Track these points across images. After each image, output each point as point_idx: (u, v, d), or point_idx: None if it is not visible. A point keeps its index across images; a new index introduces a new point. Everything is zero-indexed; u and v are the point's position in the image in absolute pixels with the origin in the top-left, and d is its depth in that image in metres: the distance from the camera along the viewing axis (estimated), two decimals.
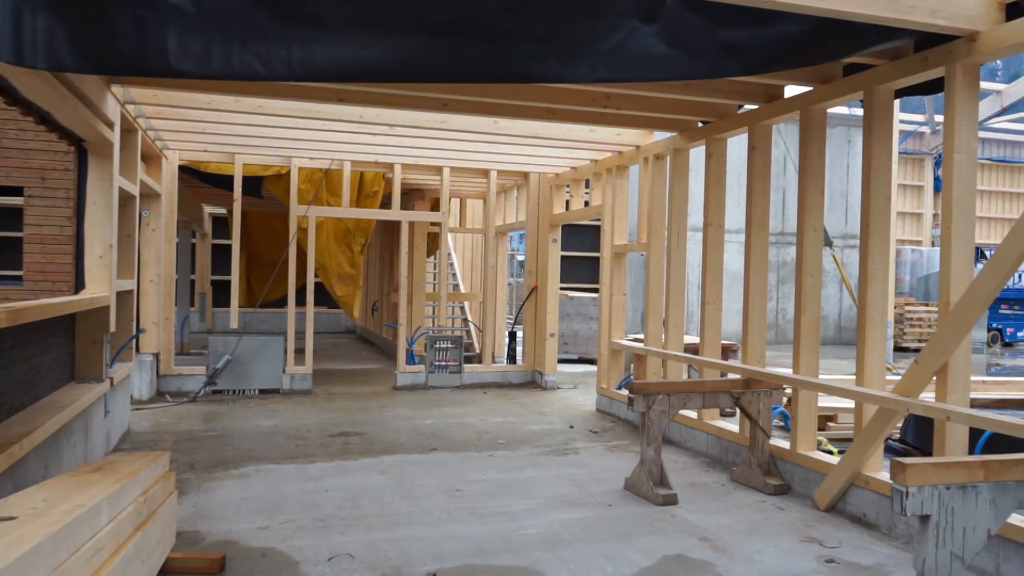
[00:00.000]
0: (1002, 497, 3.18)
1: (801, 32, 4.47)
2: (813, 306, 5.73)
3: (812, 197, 5.75)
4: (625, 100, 6.54)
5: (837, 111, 19.06)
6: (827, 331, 19.01)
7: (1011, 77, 20.17)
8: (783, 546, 4.55)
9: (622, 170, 8.95)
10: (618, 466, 6.29)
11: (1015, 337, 18.65)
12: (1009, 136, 23.31)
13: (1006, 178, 23.82)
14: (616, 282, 8.95)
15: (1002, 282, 4.22)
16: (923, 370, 4.56)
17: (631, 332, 11.49)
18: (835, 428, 7.36)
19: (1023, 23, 4.17)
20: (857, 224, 5.05)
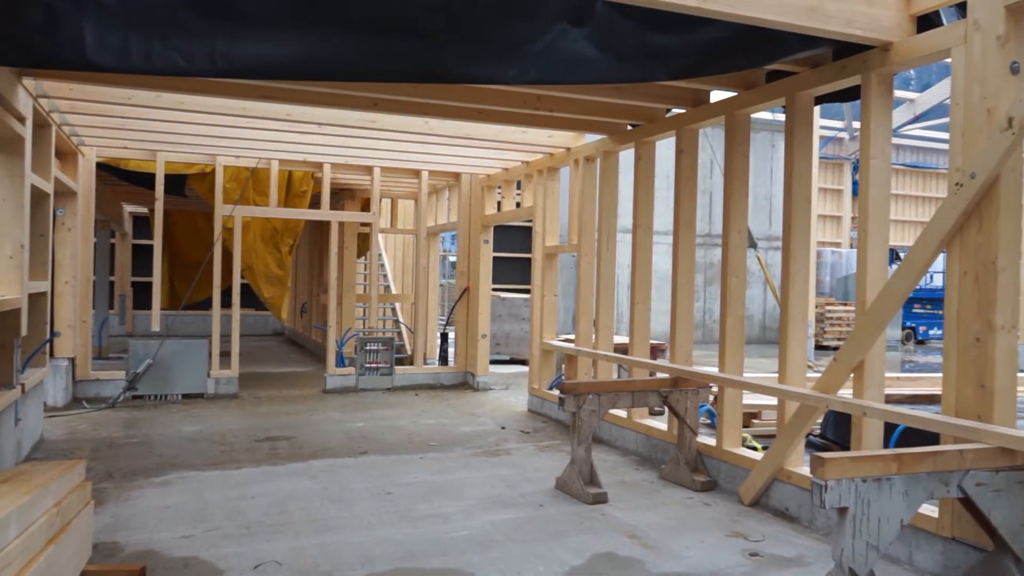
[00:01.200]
0: (914, 488, 3.31)
1: (726, 39, 4.57)
2: (738, 306, 5.88)
3: (737, 200, 5.89)
4: (556, 102, 6.59)
5: (761, 116, 19.61)
6: (752, 330, 19.52)
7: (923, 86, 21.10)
8: (709, 541, 4.64)
9: (553, 172, 9.02)
10: (549, 466, 6.33)
11: (927, 335, 19.49)
12: (921, 143, 24.37)
13: (919, 183, 24.91)
14: (548, 283, 9.01)
15: (914, 282, 4.40)
16: (841, 368, 4.72)
17: (563, 332, 11.60)
18: (759, 425, 7.55)
19: (933, 35, 4.36)
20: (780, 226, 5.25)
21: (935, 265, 15.92)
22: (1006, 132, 3.77)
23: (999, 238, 3.89)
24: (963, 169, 4.00)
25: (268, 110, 7.09)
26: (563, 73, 4.60)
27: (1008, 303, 3.91)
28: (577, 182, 8.29)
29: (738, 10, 4.06)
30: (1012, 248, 3.92)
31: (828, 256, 20.52)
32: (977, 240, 3.98)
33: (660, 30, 4.51)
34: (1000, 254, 3.89)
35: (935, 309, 19.24)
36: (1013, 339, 3.93)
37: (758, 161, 19.64)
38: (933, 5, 4.42)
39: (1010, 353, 3.92)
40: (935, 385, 8.01)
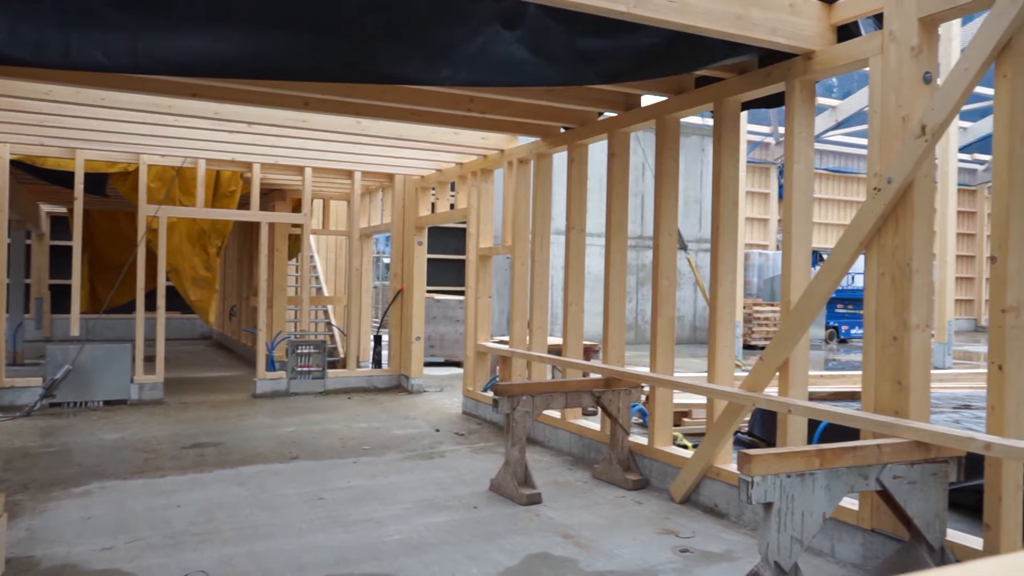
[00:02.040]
0: (835, 483, 3.43)
1: (656, 44, 4.65)
2: (668, 307, 5.98)
3: (667, 203, 6.00)
4: (489, 104, 6.60)
5: (692, 121, 20.02)
6: (683, 331, 19.89)
7: (845, 94, 21.80)
8: (641, 539, 4.71)
9: (487, 173, 9.03)
10: (484, 468, 6.33)
11: (849, 334, 20.18)
12: (843, 148, 25.23)
13: (840, 187, 25.79)
14: (482, 285, 9.01)
15: (836, 283, 4.55)
16: (767, 366, 4.85)
17: (497, 334, 11.62)
18: (690, 423, 7.70)
19: (852, 45, 4.52)
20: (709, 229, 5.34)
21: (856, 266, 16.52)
22: (920, 139, 3.94)
23: (914, 240, 4.05)
24: (880, 174, 4.15)
25: (195, 108, 6.91)
26: (496, 75, 4.61)
27: (922, 303, 4.07)
28: (511, 184, 8.32)
29: (667, 16, 4.13)
30: (925, 250, 4.09)
31: (755, 258, 21.05)
32: (894, 242, 4.14)
33: (592, 34, 4.56)
34: (915, 256, 4.05)
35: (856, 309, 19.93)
36: (927, 337, 4.10)
37: (688, 164, 20.04)
38: (852, 16, 4.58)
39: (924, 351, 4.09)
40: (856, 382, 8.30)
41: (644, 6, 4.03)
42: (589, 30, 4.51)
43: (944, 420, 5.99)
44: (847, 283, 19.18)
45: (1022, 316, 3.65)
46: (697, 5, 4.20)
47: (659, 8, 4.09)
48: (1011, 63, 3.63)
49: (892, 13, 4.15)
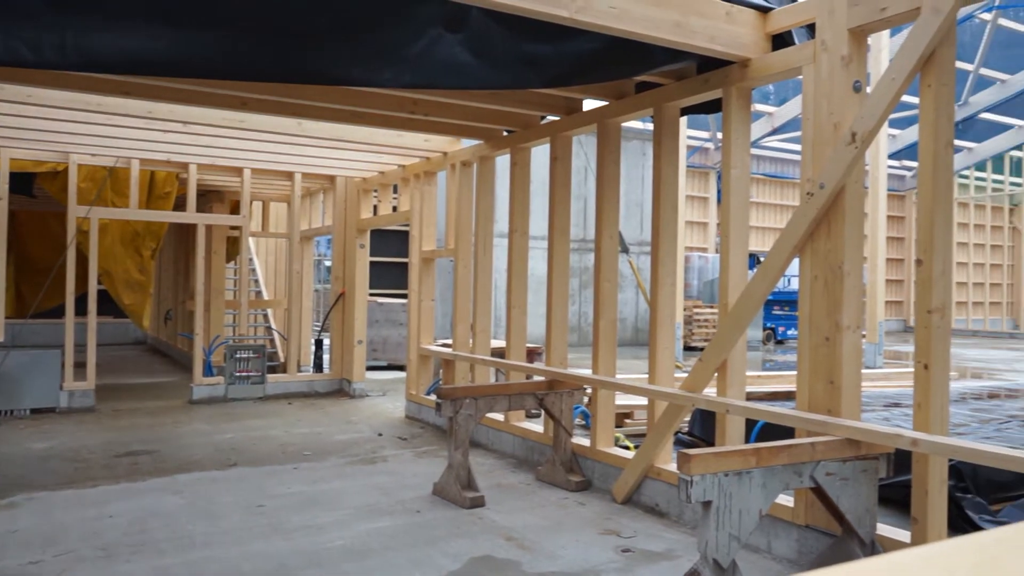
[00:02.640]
0: (771, 480, 3.51)
1: (598, 50, 4.70)
2: (610, 309, 6.04)
3: (608, 206, 6.07)
4: (432, 106, 6.57)
5: (633, 125, 20.27)
6: (625, 333, 20.12)
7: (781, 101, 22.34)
8: (584, 539, 4.75)
9: (430, 176, 8.99)
10: (427, 472, 6.30)
11: (786, 335, 20.68)
12: (779, 154, 25.86)
13: (776, 192, 26.42)
14: (425, 288, 8.97)
15: (772, 285, 4.66)
16: (706, 367, 4.94)
17: (440, 337, 11.57)
18: (632, 424, 7.80)
19: (786, 53, 4.64)
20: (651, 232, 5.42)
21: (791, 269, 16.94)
22: (850, 146, 4.06)
23: (845, 244, 4.18)
24: (813, 180, 4.27)
25: (127, 106, 6.73)
26: (439, 78, 4.60)
27: (853, 305, 4.20)
28: (454, 187, 8.30)
29: (609, 22, 4.18)
30: (856, 253, 4.23)
31: (695, 261, 21.41)
32: (826, 246, 4.26)
33: (534, 39, 4.58)
34: (846, 259, 4.18)
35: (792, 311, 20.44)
36: (857, 338, 4.23)
37: (630, 168, 20.29)
38: (786, 25, 4.71)
39: (855, 351, 4.22)
40: (792, 382, 8.52)
41: (586, 12, 4.08)
42: (532, 35, 4.54)
43: (875, 418, 6.19)
44: (783, 285, 19.66)
45: (946, 317, 3.80)
46: (637, 12, 4.27)
47: (601, 14, 4.14)
48: (934, 74, 3.77)
49: (824, 23, 4.28)
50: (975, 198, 28.39)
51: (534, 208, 9.15)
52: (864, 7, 4.08)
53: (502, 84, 4.92)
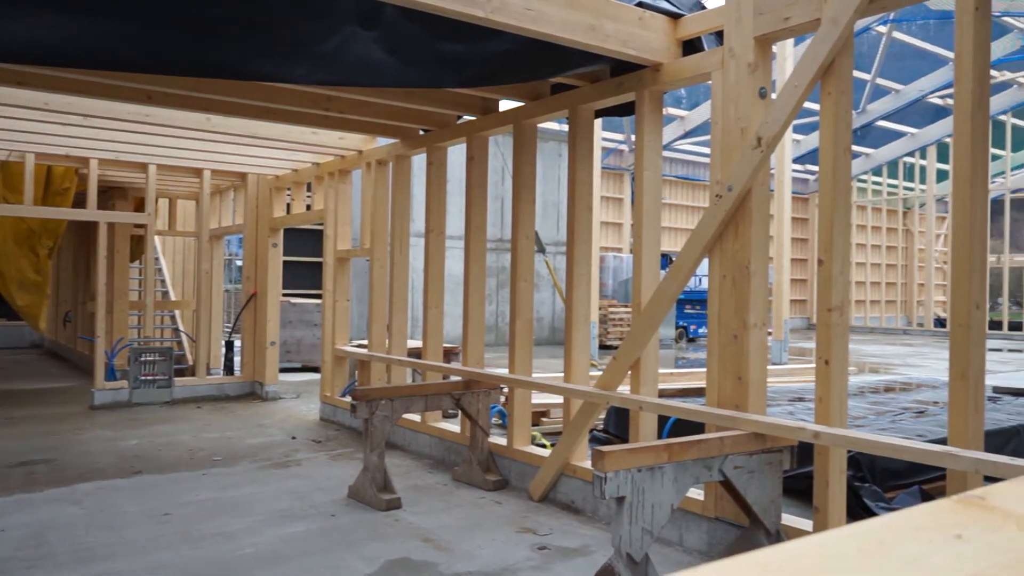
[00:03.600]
0: (682, 475, 3.60)
1: (513, 51, 4.73)
2: (527, 309, 6.09)
3: (524, 206, 6.11)
4: (347, 104, 6.48)
5: (550, 126, 20.45)
6: (542, 332, 20.29)
7: (693, 105, 22.94)
8: (501, 538, 4.77)
9: (345, 174, 8.86)
10: (342, 475, 6.20)
11: (697, 333, 21.26)
12: (691, 157, 26.56)
13: (688, 194, 27.14)
14: (340, 288, 8.83)
15: (682, 285, 4.79)
16: (620, 365, 5.03)
17: (356, 338, 11.41)
18: (548, 423, 7.87)
19: (696, 59, 4.77)
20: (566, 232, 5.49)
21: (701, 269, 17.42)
22: (756, 150, 4.21)
23: (752, 245, 4.33)
24: (722, 182, 4.40)
25: (21, 97, 6.38)
26: (353, 75, 4.54)
27: (759, 303, 4.35)
28: (369, 186, 8.21)
29: (524, 24, 4.21)
30: (762, 254, 4.38)
31: (610, 261, 21.78)
32: (734, 247, 4.40)
33: (450, 38, 4.57)
34: (752, 259, 4.32)
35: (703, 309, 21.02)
36: (763, 335, 4.39)
37: (547, 169, 20.48)
38: (696, 31, 4.84)
39: (761, 348, 4.37)
40: (703, 379, 8.76)
41: (501, 12, 4.10)
42: (447, 34, 4.52)
43: (780, 412, 6.42)
44: (695, 285, 20.19)
45: (845, 315, 3.98)
46: (553, 14, 4.31)
47: (516, 15, 4.16)
48: (834, 82, 3.94)
49: (731, 31, 4.42)
50: (872, 201, 29.83)
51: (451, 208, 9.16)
52: (769, 16, 4.23)
53: (418, 83, 4.90)
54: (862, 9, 3.79)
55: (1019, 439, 6.11)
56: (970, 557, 0.62)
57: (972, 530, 0.68)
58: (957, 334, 3.45)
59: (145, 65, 4.72)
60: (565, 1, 4.36)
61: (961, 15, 3.44)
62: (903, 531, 0.68)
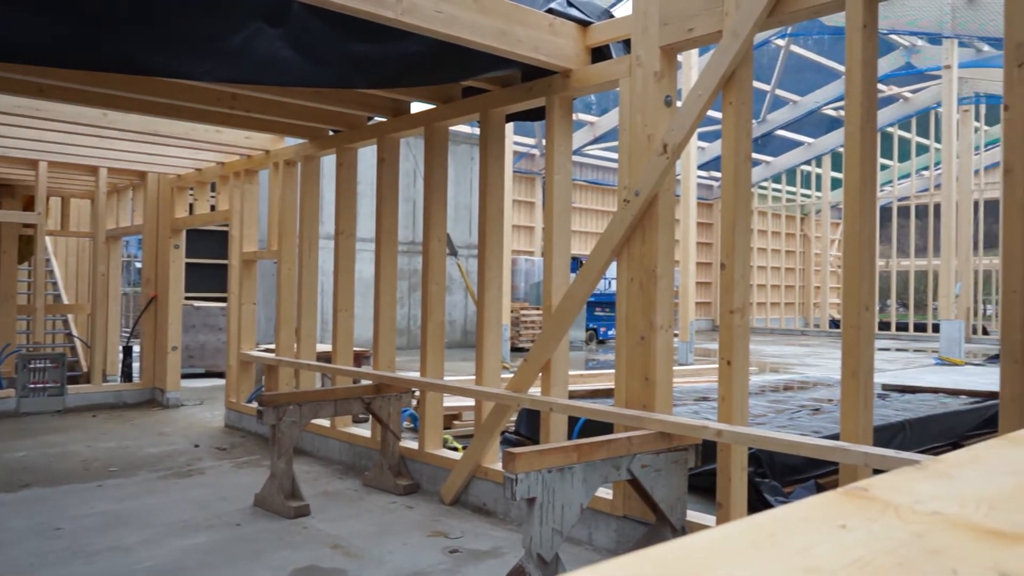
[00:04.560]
0: (591, 475, 3.66)
1: (424, 53, 4.71)
2: (438, 312, 6.07)
3: (436, 209, 6.09)
4: (253, 103, 6.31)
5: (462, 129, 20.45)
6: (454, 335, 20.26)
7: (603, 111, 23.35)
8: (412, 543, 4.74)
9: (251, 174, 8.63)
10: (248, 483, 6.04)
11: (607, 335, 21.65)
12: (601, 162, 27.05)
13: (598, 198, 27.62)
14: (246, 291, 8.60)
15: (592, 287, 4.87)
16: (531, 367, 5.08)
17: (263, 342, 11.14)
18: (460, 426, 7.86)
19: (604, 66, 4.87)
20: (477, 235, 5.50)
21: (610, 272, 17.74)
22: (662, 156, 4.32)
23: (658, 249, 4.44)
24: (629, 187, 4.50)
25: None
26: (259, 73, 4.43)
27: (665, 306, 4.47)
28: (277, 186, 8.02)
29: (435, 26, 4.20)
30: (668, 258, 4.50)
31: (522, 264, 21.94)
32: (641, 251, 4.51)
33: (360, 39, 4.52)
34: (659, 263, 4.44)
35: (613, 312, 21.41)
36: (669, 337, 4.50)
37: (459, 172, 20.46)
38: (605, 39, 4.94)
39: (667, 349, 4.49)
40: (612, 380, 8.92)
41: (412, 14, 4.08)
42: (357, 34, 4.47)
43: (686, 411, 6.61)
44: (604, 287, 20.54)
45: (746, 317, 4.12)
46: (464, 18, 4.32)
47: (427, 18, 4.15)
48: (735, 92, 4.09)
49: (638, 40, 4.52)
50: (772, 208, 31.06)
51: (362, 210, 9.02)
52: (674, 27, 4.36)
53: (327, 83, 4.82)
54: (761, 23, 3.94)
55: (905, 434, 6.47)
56: (853, 545, 0.65)
57: (855, 520, 0.72)
58: (848, 334, 3.62)
59: (32, 57, 4.48)
60: (476, 5, 4.38)
61: (851, 32, 3.62)
62: (792, 523, 0.71)
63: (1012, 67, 3.17)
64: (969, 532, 0.69)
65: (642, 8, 4.49)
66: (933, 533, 0.68)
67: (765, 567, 0.60)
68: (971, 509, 0.75)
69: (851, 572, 0.60)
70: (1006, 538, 0.67)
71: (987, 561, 0.62)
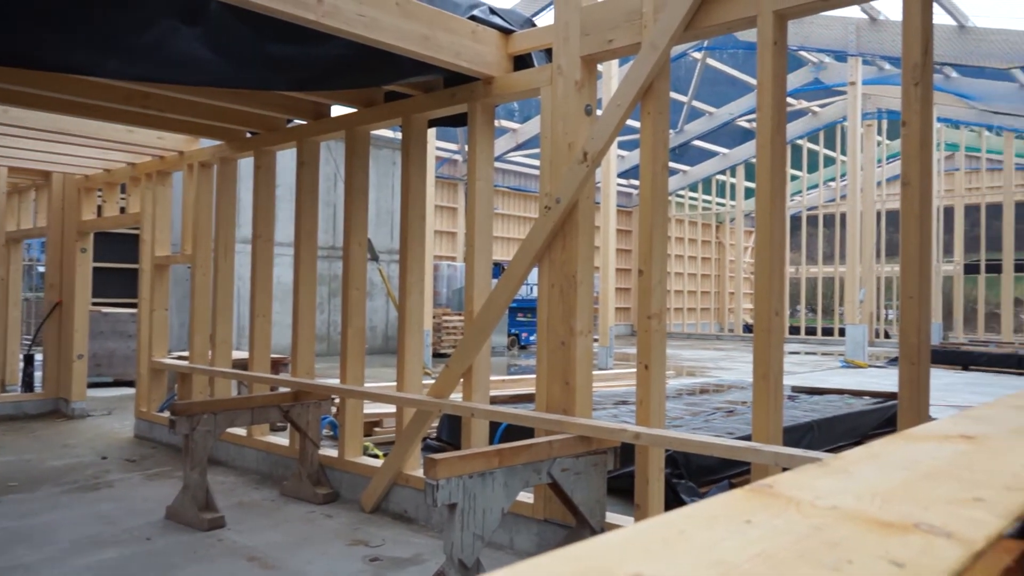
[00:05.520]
0: (512, 479, 3.68)
1: (346, 56, 4.67)
2: (359, 318, 6.00)
3: (357, 213, 6.03)
4: (167, 102, 6.12)
5: (384, 134, 20.29)
6: (376, 341, 20.05)
7: (525, 118, 23.54)
8: (332, 552, 4.66)
9: (164, 176, 8.36)
10: (160, 495, 5.83)
11: (529, 341, 21.79)
12: (523, 169, 27.25)
13: (520, 204, 27.80)
14: (158, 296, 8.31)
15: (514, 293, 4.90)
16: (452, 373, 5.07)
17: (176, 350, 10.79)
18: (381, 433, 7.78)
19: (526, 74, 4.92)
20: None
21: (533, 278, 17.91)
22: (582, 164, 4.39)
23: (578, 255, 4.51)
24: (551, 194, 4.56)
25: None
26: (173, 72, 4.31)
27: (585, 311, 4.54)
28: (192, 188, 7.79)
29: (357, 30, 4.17)
30: (588, 264, 4.57)
31: (444, 269, 21.89)
32: (562, 257, 4.57)
33: (280, 40, 4.44)
34: (579, 269, 4.50)
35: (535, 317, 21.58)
36: (589, 342, 4.57)
37: (381, 176, 20.28)
38: (527, 48, 4.99)
39: (587, 354, 4.56)
40: (533, 385, 8.99)
41: (333, 17, 4.03)
42: (278, 35, 4.39)
43: (605, 415, 6.72)
44: (526, 293, 20.70)
45: (663, 322, 4.23)
46: (387, 22, 4.30)
47: (349, 21, 4.11)
48: (653, 103, 4.19)
49: (559, 49, 4.59)
50: (689, 215, 31.88)
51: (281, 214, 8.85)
52: (594, 38, 4.44)
53: (245, 84, 4.72)
54: (678, 36, 4.05)
55: (814, 434, 6.74)
56: (757, 539, 0.68)
57: (760, 515, 0.75)
58: (759, 339, 3.76)
59: None
60: (399, 10, 4.36)
61: (762, 48, 3.77)
62: (701, 520, 0.74)
63: (909, 85, 3.35)
64: (864, 524, 0.73)
65: (564, 18, 4.56)
66: (831, 526, 0.72)
67: (674, 562, 0.63)
68: (866, 503, 0.80)
69: (754, 564, 0.63)
70: (896, 528, 0.72)
71: (879, 551, 0.66)
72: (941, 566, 0.63)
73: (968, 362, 17.45)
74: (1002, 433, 1.27)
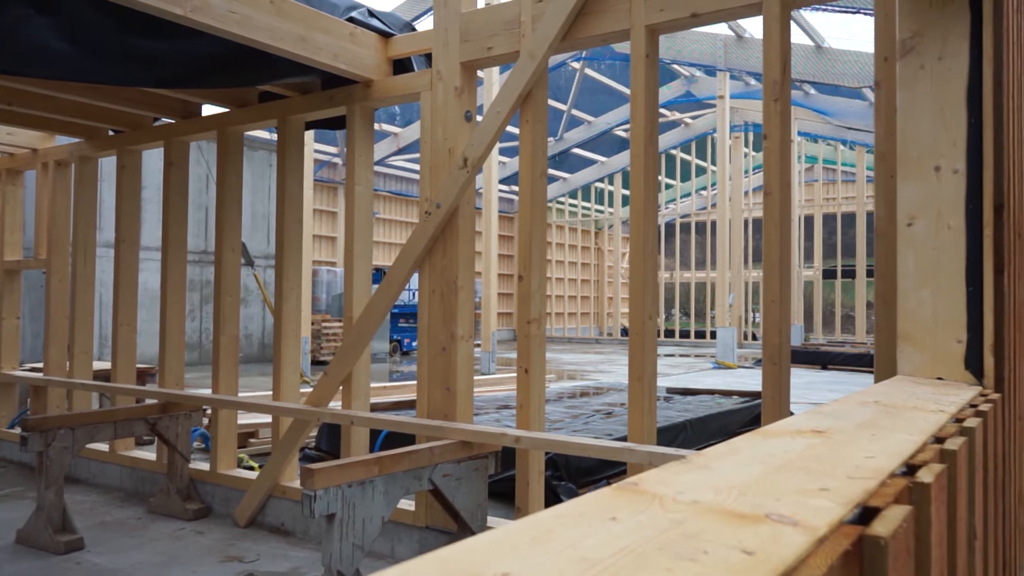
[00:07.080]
0: (392, 487, 3.64)
1: (218, 54, 4.50)
2: (232, 325, 5.79)
3: (230, 217, 5.82)
4: (17, 96, 5.71)
5: (260, 135, 19.68)
6: (251, 349, 19.39)
7: (406, 122, 23.36)
8: (202, 571, 4.47)
9: (15, 174, 7.80)
10: (9, 518, 5.41)
11: (411, 347, 21.62)
12: (404, 173, 27.05)
13: (401, 209, 27.59)
14: (8, 304, 7.73)
15: (394, 299, 4.86)
16: (331, 381, 4.97)
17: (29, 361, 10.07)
18: (257, 443, 7.51)
19: (406, 78, 4.89)
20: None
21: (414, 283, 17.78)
22: (463, 170, 4.41)
23: (459, 260, 4.51)
24: (431, 199, 4.55)
25: None
26: (24, 64, 4.03)
27: (466, 316, 4.55)
28: (47, 189, 7.30)
29: (229, 27, 4.02)
30: (468, 269, 4.58)
31: (324, 275, 21.42)
32: (443, 262, 4.56)
33: (144, 34, 4.23)
34: (460, 274, 4.51)
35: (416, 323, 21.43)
36: (470, 347, 4.59)
37: (256, 179, 19.65)
38: (407, 52, 4.96)
39: (468, 359, 4.57)
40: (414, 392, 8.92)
41: (202, 12, 3.88)
42: (143, 29, 4.19)
43: (488, 420, 6.75)
44: (408, 299, 20.54)
45: (542, 327, 4.29)
46: (260, 20, 4.17)
47: (219, 18, 3.96)
48: (531, 111, 4.26)
49: (439, 55, 4.59)
50: (569, 222, 32.54)
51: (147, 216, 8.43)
52: (474, 44, 4.47)
53: (107, 79, 4.47)
54: (555, 46, 4.14)
55: (686, 433, 7.01)
56: (621, 535, 0.71)
57: (625, 512, 0.78)
58: (634, 342, 3.88)
59: None
60: (274, 8, 4.24)
61: (635, 61, 3.90)
62: (570, 518, 0.76)
63: (769, 101, 3.55)
64: (720, 516, 0.77)
65: (443, 24, 4.57)
66: (690, 519, 0.75)
67: (540, 560, 0.64)
68: (724, 496, 0.84)
69: (617, 559, 0.65)
70: (749, 519, 0.76)
71: (732, 540, 0.69)
72: (786, 552, 0.67)
73: (827, 362, 18.63)
74: (849, 427, 1.37)
